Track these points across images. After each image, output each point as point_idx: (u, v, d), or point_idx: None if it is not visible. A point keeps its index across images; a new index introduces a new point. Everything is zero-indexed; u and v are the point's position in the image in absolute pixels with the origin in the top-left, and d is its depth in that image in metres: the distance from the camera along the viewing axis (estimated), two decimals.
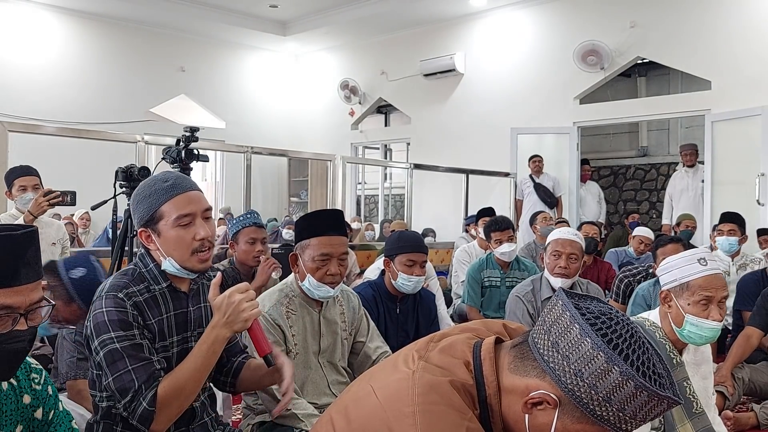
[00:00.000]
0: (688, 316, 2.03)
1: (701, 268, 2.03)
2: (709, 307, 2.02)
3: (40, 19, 8.67)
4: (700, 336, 2.04)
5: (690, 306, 2.03)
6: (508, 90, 8.65)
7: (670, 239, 3.72)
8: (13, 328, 1.26)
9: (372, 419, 1.14)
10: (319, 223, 2.28)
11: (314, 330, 2.32)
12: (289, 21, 10.08)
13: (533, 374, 1.10)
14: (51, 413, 1.46)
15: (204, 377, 1.63)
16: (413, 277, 2.99)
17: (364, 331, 2.47)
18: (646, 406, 1.03)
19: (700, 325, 2.02)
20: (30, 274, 1.28)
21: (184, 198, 1.66)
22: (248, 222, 3.50)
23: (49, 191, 3.46)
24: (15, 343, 1.27)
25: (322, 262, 2.23)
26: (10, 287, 1.25)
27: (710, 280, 2.03)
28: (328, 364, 2.34)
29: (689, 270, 2.04)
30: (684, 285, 2.05)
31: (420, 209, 8.32)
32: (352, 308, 2.47)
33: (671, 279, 2.09)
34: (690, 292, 2.04)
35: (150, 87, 9.21)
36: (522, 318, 3.21)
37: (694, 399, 2.07)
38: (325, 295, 2.27)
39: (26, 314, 1.28)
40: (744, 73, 6.76)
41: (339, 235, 2.30)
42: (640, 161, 10.25)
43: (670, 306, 2.09)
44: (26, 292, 1.27)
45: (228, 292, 1.61)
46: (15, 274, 1.25)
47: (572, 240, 3.21)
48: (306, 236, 2.27)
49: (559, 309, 1.10)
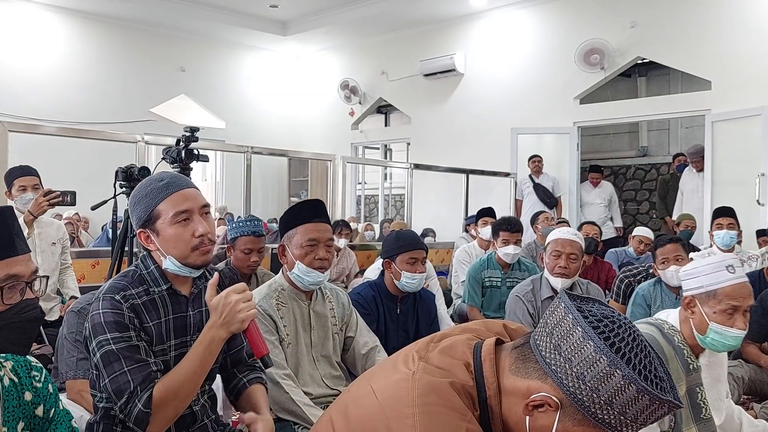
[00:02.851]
0: (713, 324, 1.98)
1: (729, 276, 1.98)
2: (734, 315, 1.97)
3: (40, 19, 8.66)
4: (723, 344, 2.00)
5: (715, 314, 1.98)
6: (508, 90, 8.65)
7: (670, 239, 3.70)
8: (23, 298, 1.30)
9: (371, 419, 1.14)
10: (303, 212, 2.35)
11: (305, 322, 2.35)
12: (289, 21, 10.07)
13: (535, 376, 1.10)
14: (52, 411, 1.46)
15: (200, 379, 1.62)
16: (416, 275, 3.00)
17: (353, 326, 2.51)
18: (648, 410, 1.03)
19: (724, 334, 1.98)
20: (23, 246, 1.33)
21: (179, 196, 1.66)
22: (247, 230, 3.48)
23: (49, 191, 3.46)
24: (30, 311, 1.31)
25: (310, 248, 2.28)
26: (10, 257, 1.29)
27: (738, 289, 1.98)
28: (321, 358, 2.37)
29: (717, 277, 1.99)
30: (711, 293, 1.99)
31: (420, 209, 8.31)
32: (342, 304, 2.51)
33: (697, 285, 2.03)
34: (716, 300, 1.98)
35: (150, 87, 9.21)
36: (522, 318, 3.21)
37: (704, 405, 2.03)
38: (315, 280, 2.30)
39: (30, 284, 1.32)
40: (744, 73, 6.75)
41: (323, 222, 2.36)
42: (640, 161, 10.25)
43: (694, 312, 2.03)
44: (25, 262, 1.32)
45: (225, 293, 1.61)
46: (12, 245, 1.30)
47: (572, 240, 3.21)
48: (292, 225, 2.33)
49: (562, 311, 1.10)
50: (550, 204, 7.75)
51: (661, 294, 3.60)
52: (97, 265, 4.55)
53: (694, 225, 6.48)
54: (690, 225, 6.40)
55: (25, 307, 1.29)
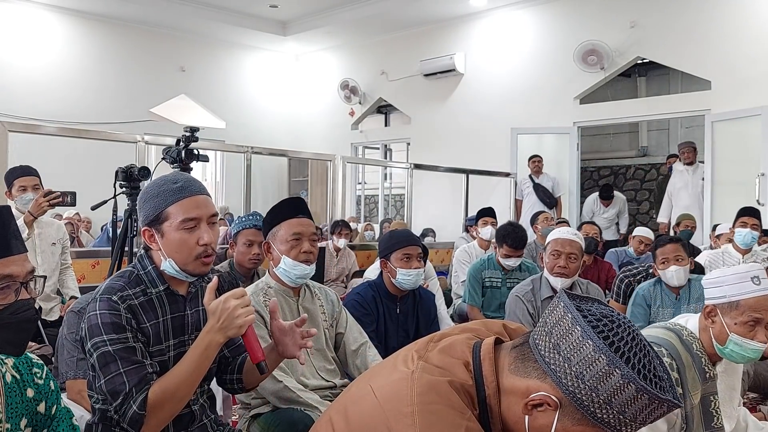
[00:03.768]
0: (733, 335, 1.94)
1: (754, 288, 1.93)
2: (755, 328, 1.93)
3: (39, 19, 8.67)
4: (742, 356, 1.97)
5: (736, 325, 1.94)
6: (508, 90, 8.65)
7: (670, 239, 3.69)
8: (18, 298, 1.30)
9: (371, 419, 1.14)
10: (286, 209, 2.39)
11: (294, 317, 2.35)
12: (289, 21, 10.08)
13: (534, 375, 1.10)
14: (53, 408, 1.47)
15: (196, 382, 1.62)
16: (412, 271, 3.00)
17: (343, 323, 2.53)
18: (647, 409, 1.03)
19: (744, 346, 1.94)
20: (19, 246, 1.33)
21: (191, 201, 1.65)
22: (249, 224, 3.51)
23: (49, 192, 3.46)
24: (24, 312, 1.30)
25: (295, 242, 2.32)
26: (5, 257, 1.29)
27: (762, 301, 1.93)
28: (315, 351, 2.40)
29: (741, 288, 1.94)
30: (733, 303, 1.95)
31: (420, 209, 8.32)
32: (331, 301, 2.53)
33: (720, 294, 1.98)
34: (739, 311, 1.94)
35: (150, 87, 9.22)
36: (522, 317, 3.20)
37: (717, 414, 2.00)
38: (302, 273, 2.32)
39: (26, 284, 1.32)
40: (744, 73, 6.76)
41: (306, 217, 2.39)
42: (640, 161, 10.26)
43: (714, 321, 1.99)
44: (20, 262, 1.32)
45: (223, 298, 1.60)
46: (7, 245, 1.30)
47: (572, 240, 3.22)
48: (276, 222, 2.37)
49: (561, 311, 1.10)
50: (550, 204, 7.75)
51: (661, 294, 3.60)
52: (97, 265, 4.55)
53: (694, 225, 6.48)
54: (690, 225, 6.40)
55: (20, 307, 1.29)
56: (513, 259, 4.34)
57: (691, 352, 2.00)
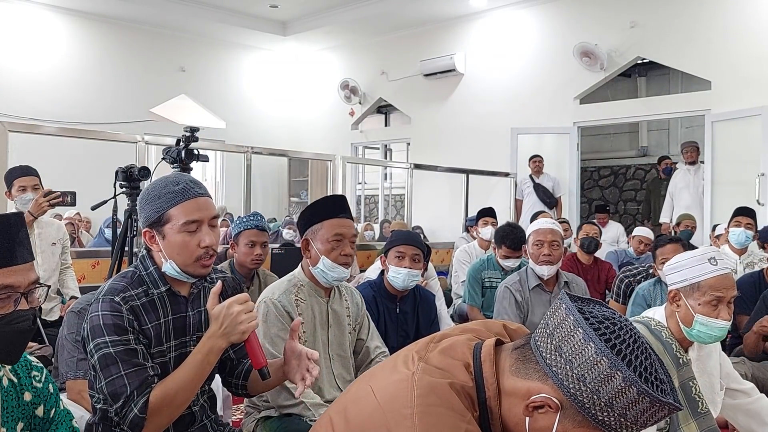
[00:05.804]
0: (698, 315, 2.02)
1: (712, 268, 2.02)
2: (718, 307, 2.01)
3: (40, 19, 8.66)
4: (710, 335, 2.04)
5: (700, 306, 2.02)
6: (508, 90, 8.65)
7: (670, 239, 3.70)
8: (16, 309, 1.28)
9: (371, 420, 1.14)
10: (328, 207, 2.32)
11: (323, 320, 2.33)
12: (289, 21, 10.07)
13: (535, 377, 1.10)
14: (52, 411, 1.46)
15: (197, 387, 1.62)
16: (402, 269, 3.01)
17: (365, 329, 2.49)
18: (648, 412, 1.03)
19: (710, 325, 2.02)
20: (25, 255, 1.31)
21: (193, 204, 1.64)
22: (250, 224, 3.51)
23: (49, 191, 3.46)
24: (20, 323, 1.29)
25: (336, 243, 2.25)
26: (8, 267, 1.27)
27: (721, 280, 2.01)
28: (336, 357, 2.34)
29: (700, 270, 2.03)
30: (695, 285, 2.03)
31: (420, 209, 8.31)
32: (356, 304, 2.49)
33: (681, 278, 2.06)
34: (700, 292, 2.02)
35: (150, 87, 9.21)
36: (509, 307, 3.34)
37: (700, 399, 2.06)
38: (339, 276, 2.28)
39: (26, 294, 1.30)
40: (744, 73, 6.75)
41: (348, 218, 2.33)
42: (640, 161, 10.25)
43: (679, 305, 2.07)
44: (23, 272, 1.30)
45: (227, 303, 1.60)
46: (11, 254, 1.28)
47: (552, 228, 3.38)
48: (316, 220, 2.30)
49: (563, 313, 1.09)
50: (550, 204, 7.74)
51: (661, 294, 3.60)
52: (97, 266, 4.55)
53: (694, 225, 6.48)
54: (690, 225, 6.40)
55: (16, 318, 1.28)
56: (512, 260, 4.35)
57: (661, 339, 2.08)
